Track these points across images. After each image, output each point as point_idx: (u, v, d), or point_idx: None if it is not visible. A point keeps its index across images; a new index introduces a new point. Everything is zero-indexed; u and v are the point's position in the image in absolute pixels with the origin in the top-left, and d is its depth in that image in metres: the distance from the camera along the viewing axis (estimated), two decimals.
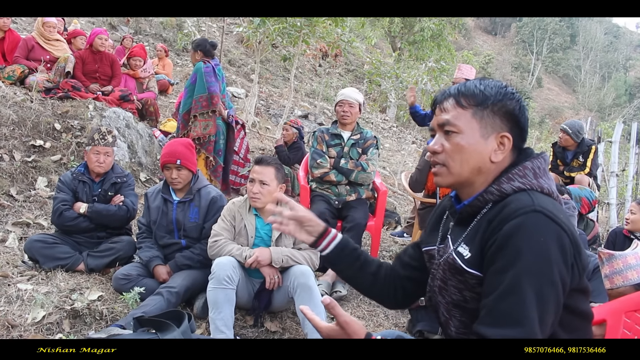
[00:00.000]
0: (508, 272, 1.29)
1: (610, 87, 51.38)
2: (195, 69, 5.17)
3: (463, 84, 1.51)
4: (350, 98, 4.41)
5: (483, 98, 1.46)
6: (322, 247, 1.74)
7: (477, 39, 54.09)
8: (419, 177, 4.65)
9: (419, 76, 9.72)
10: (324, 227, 1.75)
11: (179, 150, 3.50)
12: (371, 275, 1.77)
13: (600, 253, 2.50)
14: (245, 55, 15.65)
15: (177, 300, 3.13)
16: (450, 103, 1.49)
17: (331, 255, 1.75)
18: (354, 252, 1.77)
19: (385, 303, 1.88)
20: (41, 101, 5.58)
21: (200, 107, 5.06)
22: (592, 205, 4.43)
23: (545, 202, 1.35)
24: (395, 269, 1.80)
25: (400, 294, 1.78)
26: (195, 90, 5.11)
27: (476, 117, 1.46)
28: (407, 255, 1.80)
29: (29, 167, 4.88)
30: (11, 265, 3.49)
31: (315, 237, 1.74)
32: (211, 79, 5.11)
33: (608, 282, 2.40)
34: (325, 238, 1.74)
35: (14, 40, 6.26)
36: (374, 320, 3.63)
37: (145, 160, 5.99)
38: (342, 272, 1.81)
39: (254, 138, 8.82)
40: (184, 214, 3.50)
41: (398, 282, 1.78)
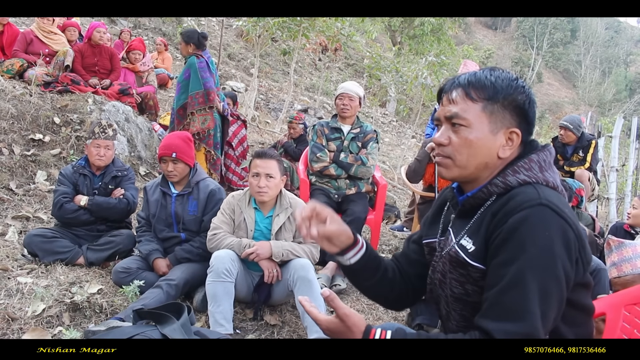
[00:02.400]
0: (512, 266, 1.28)
1: (610, 82, 51.25)
2: (189, 64, 5.08)
3: (473, 74, 1.46)
4: (350, 91, 4.39)
5: (494, 92, 1.41)
6: (349, 257, 1.62)
7: (478, 34, 53.97)
8: (417, 168, 4.62)
9: (419, 70, 9.67)
10: (353, 239, 1.61)
11: (175, 143, 3.49)
12: (389, 282, 1.70)
13: (609, 240, 2.48)
14: (244, 49, 15.63)
15: (176, 293, 3.13)
16: (459, 94, 1.44)
17: (358, 266, 1.63)
18: (376, 260, 1.68)
19: (399, 306, 1.83)
20: (40, 95, 5.56)
21: (197, 104, 5.01)
22: (580, 196, 4.39)
23: (551, 196, 1.34)
24: (404, 270, 1.74)
25: (412, 293, 1.74)
26: (190, 86, 5.02)
27: (486, 111, 1.42)
28: (411, 251, 1.75)
29: (28, 160, 4.87)
30: (11, 258, 3.49)
31: (341, 249, 1.62)
32: (206, 74, 5.05)
33: (615, 270, 2.38)
34: (353, 247, 1.62)
35: (13, 34, 6.23)
36: (373, 313, 3.63)
37: (144, 154, 5.99)
38: (364, 282, 1.70)
39: (254, 132, 8.81)
40: (182, 207, 3.50)
41: (409, 282, 1.72)
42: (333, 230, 1.56)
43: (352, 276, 1.69)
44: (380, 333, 1.34)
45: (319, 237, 1.56)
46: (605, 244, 2.53)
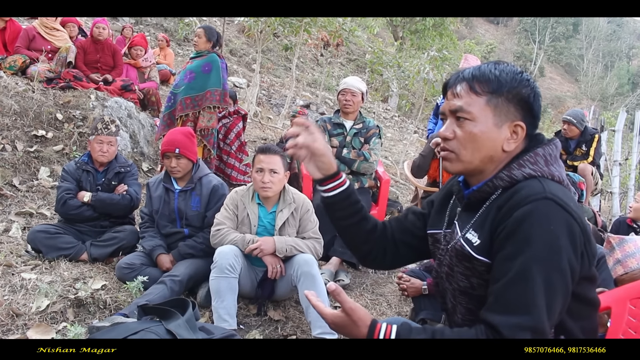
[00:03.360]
0: (517, 259, 1.28)
1: (613, 76, 51.09)
2: (211, 59, 5.02)
3: (477, 68, 1.46)
4: (352, 87, 4.38)
5: (498, 85, 1.42)
6: (327, 188, 1.63)
7: (479, 28, 53.79)
8: (421, 163, 4.61)
9: (421, 65, 9.63)
10: (335, 170, 1.62)
11: (178, 139, 3.50)
12: (366, 232, 1.70)
13: (609, 238, 2.47)
14: (246, 44, 15.59)
15: (180, 288, 3.14)
16: (463, 88, 1.45)
17: (334, 200, 1.64)
18: (356, 205, 1.68)
19: (369, 262, 1.81)
20: (43, 91, 5.56)
21: (214, 101, 4.97)
22: (581, 190, 4.37)
23: (556, 190, 1.34)
24: (391, 231, 1.74)
25: (390, 256, 1.74)
26: (211, 81, 4.98)
27: (490, 104, 1.42)
28: (408, 221, 1.75)
29: (31, 157, 4.88)
30: (15, 254, 3.50)
31: (323, 175, 1.62)
32: (225, 75, 5.07)
33: (621, 267, 2.37)
34: (334, 181, 1.62)
35: (15, 30, 6.23)
36: (377, 309, 3.64)
37: (147, 150, 5.99)
38: (338, 220, 1.69)
39: (256, 128, 8.80)
40: (185, 203, 3.50)
41: (391, 243, 1.73)
42: (319, 147, 1.58)
43: (329, 210, 1.69)
44: (386, 327, 1.34)
45: (304, 148, 1.58)
46: (605, 242, 2.52)
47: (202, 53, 5.10)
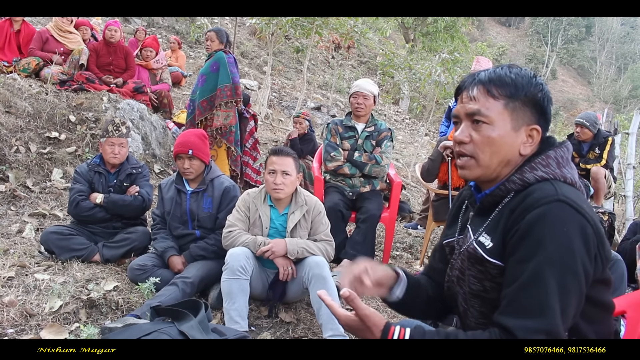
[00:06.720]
0: (530, 262, 1.27)
1: (626, 79, 50.69)
2: (218, 58, 5.08)
3: (493, 71, 1.45)
4: (364, 90, 4.37)
5: (515, 89, 1.41)
6: (395, 294, 1.65)
7: (491, 31, 53.60)
8: (430, 167, 4.60)
9: (432, 68, 9.62)
10: (394, 276, 1.65)
11: (191, 140, 3.51)
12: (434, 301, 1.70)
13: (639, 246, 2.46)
14: (257, 47, 15.64)
15: (191, 290, 3.14)
16: (480, 91, 1.44)
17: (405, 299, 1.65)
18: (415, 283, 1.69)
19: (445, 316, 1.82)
20: (56, 93, 5.61)
21: (225, 97, 5.02)
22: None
23: (569, 192, 1.33)
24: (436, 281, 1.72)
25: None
26: (220, 79, 5.04)
27: (508, 108, 1.41)
28: (437, 261, 1.74)
29: (44, 158, 4.92)
30: (28, 255, 3.52)
31: (390, 286, 1.65)
32: (234, 69, 5.10)
33: None
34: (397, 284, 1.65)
35: (29, 32, 6.29)
36: (388, 311, 3.62)
37: (159, 152, 6.02)
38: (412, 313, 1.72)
39: (267, 130, 8.82)
40: (197, 205, 3.51)
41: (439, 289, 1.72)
42: (382, 274, 1.62)
43: (402, 309, 1.72)
44: (400, 330, 1.34)
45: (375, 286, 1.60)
46: (637, 246, 2.50)
47: (209, 55, 5.22)
